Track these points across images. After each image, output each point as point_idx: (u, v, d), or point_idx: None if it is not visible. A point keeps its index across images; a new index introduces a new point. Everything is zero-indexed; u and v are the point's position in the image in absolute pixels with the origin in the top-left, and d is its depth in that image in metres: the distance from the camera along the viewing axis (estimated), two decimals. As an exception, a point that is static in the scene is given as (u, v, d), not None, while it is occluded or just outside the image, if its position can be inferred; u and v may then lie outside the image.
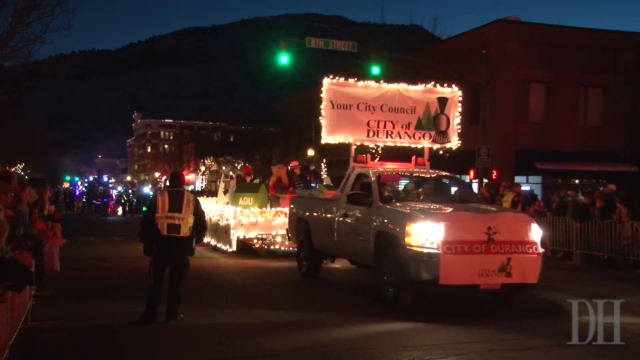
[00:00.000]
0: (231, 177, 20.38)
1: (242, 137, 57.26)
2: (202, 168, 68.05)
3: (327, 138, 12.42)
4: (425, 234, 8.58)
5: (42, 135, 52.81)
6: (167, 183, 12.09)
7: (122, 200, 38.80)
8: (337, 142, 12.65)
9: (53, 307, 8.85)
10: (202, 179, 68.79)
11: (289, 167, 18.29)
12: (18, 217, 7.67)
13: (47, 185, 12.04)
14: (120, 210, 37.57)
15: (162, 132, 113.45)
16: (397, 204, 9.97)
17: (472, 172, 24.40)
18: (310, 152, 37.31)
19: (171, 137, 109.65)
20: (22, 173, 41.10)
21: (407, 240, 8.73)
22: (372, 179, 10.61)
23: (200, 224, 8.60)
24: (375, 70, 22.77)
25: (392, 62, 26.98)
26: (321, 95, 12.30)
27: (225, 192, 17.91)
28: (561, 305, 9.71)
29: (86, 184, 54.58)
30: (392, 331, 7.93)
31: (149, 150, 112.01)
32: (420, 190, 11.17)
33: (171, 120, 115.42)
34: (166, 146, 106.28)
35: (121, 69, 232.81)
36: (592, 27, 50.89)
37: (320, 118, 12.41)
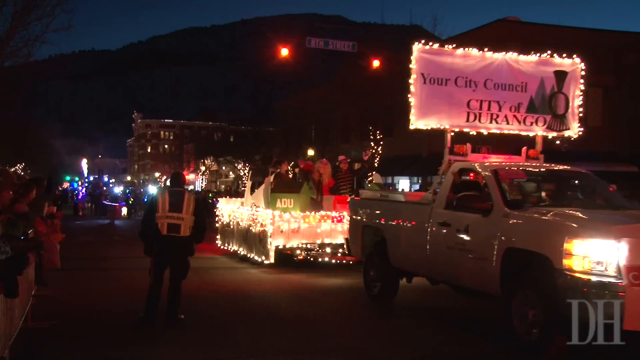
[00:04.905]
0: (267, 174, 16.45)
1: (242, 137, 57.25)
2: (202, 168, 68.12)
3: (417, 122, 9.75)
4: (597, 255, 6.18)
5: (42, 135, 52.80)
6: (168, 183, 12.01)
7: (130, 202, 38.84)
8: (429, 128, 9.90)
9: (53, 308, 8.85)
10: (202, 179, 68.84)
11: (337, 163, 15.76)
12: (17, 218, 7.66)
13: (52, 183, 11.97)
14: (125, 211, 37.52)
15: (162, 132, 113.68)
16: (534, 210, 7.36)
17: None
18: (310, 152, 37.30)
19: (171, 137, 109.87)
20: (22, 173, 41.01)
21: (565, 262, 6.31)
22: (487, 174, 8.11)
23: (200, 224, 8.60)
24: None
25: (392, 62, 26.97)
26: (410, 66, 9.68)
27: (252, 192, 15.55)
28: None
29: (87, 184, 54.44)
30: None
31: (149, 150, 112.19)
32: (543, 192, 8.62)
33: (171, 120, 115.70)
34: (166, 146, 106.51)
35: (121, 69, 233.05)
36: (592, 27, 50.96)
37: (409, 96, 9.70)
